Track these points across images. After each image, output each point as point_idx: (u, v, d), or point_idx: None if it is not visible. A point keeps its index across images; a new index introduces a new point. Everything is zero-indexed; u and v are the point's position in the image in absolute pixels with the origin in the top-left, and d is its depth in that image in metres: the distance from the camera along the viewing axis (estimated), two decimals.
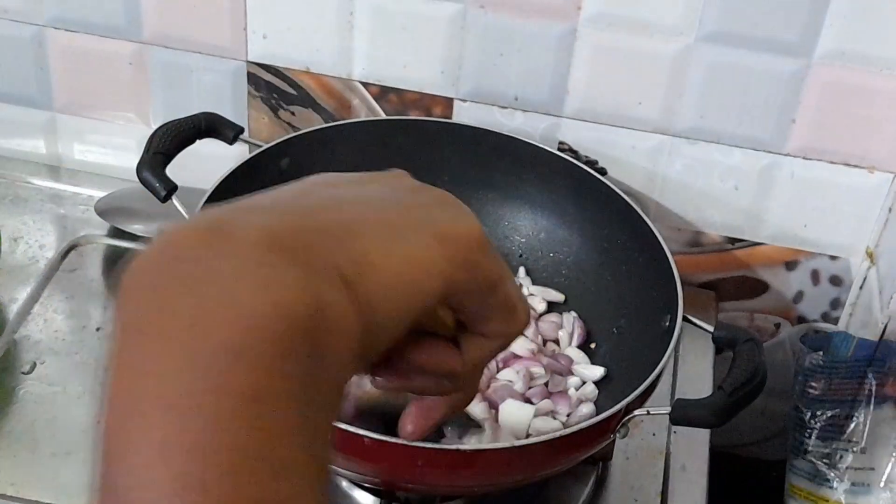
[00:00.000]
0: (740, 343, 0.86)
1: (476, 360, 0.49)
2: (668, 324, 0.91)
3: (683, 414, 0.83)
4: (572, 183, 1.08)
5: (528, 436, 0.92)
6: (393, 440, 0.80)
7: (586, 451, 0.86)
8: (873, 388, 1.00)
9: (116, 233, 1.18)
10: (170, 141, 0.99)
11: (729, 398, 0.82)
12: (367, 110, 1.16)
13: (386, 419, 0.81)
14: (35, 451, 0.96)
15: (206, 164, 1.02)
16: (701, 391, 0.98)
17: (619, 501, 0.98)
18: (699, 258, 1.17)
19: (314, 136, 1.07)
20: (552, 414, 0.96)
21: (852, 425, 1.01)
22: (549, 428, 0.93)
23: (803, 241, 1.14)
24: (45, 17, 1.17)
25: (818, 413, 1.02)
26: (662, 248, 0.97)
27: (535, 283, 1.09)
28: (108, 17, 1.16)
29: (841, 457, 1.01)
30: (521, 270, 1.09)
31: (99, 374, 1.03)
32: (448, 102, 1.14)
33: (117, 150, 1.25)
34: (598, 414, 0.88)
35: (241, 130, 1.05)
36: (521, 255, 1.11)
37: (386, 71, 1.14)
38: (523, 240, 1.11)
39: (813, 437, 1.03)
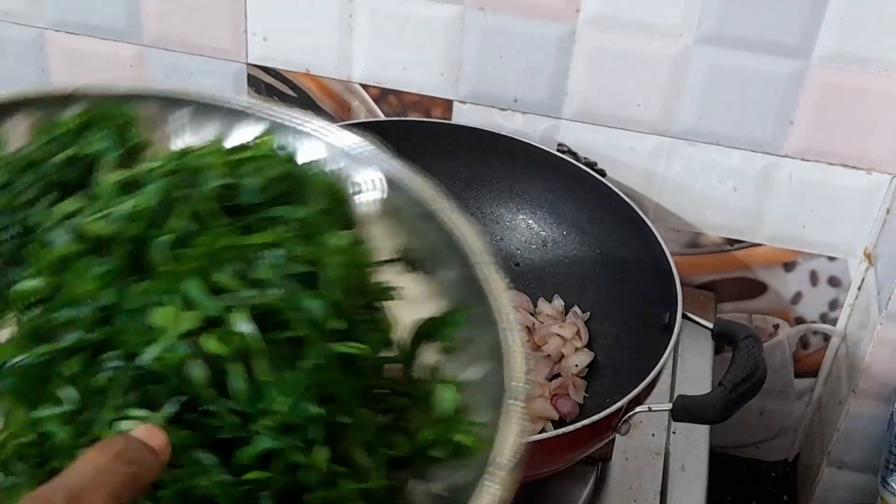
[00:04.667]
0: (740, 339, 0.86)
1: None
2: (667, 321, 0.91)
3: (684, 410, 0.83)
4: (571, 184, 1.08)
5: None
6: None
7: (588, 449, 0.87)
8: None
9: None
10: None
11: (730, 394, 0.82)
12: (367, 112, 1.16)
13: None
14: None
15: None
16: (700, 389, 0.98)
17: (618, 501, 0.98)
18: (698, 259, 1.17)
19: None
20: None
21: None
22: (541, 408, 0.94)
23: (802, 242, 1.14)
24: (45, 19, 1.17)
25: None
26: (662, 249, 0.98)
27: (534, 281, 1.09)
28: (108, 20, 1.16)
29: None
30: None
31: None
32: (447, 104, 1.14)
33: None
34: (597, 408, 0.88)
35: None
36: (520, 255, 1.11)
37: (385, 73, 1.14)
38: (523, 240, 1.11)
39: None
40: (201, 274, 0.58)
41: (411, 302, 0.64)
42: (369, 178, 0.70)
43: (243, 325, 0.55)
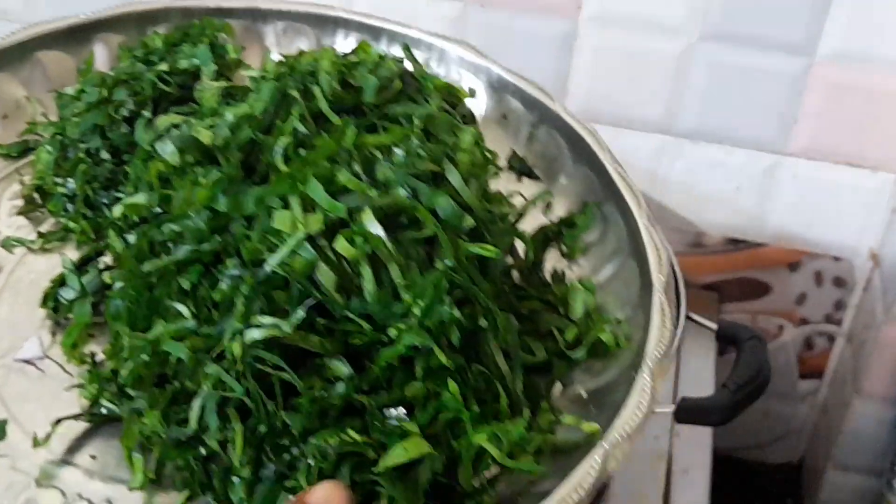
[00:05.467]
0: (744, 340, 0.85)
1: None
2: None
3: (688, 412, 0.82)
4: None
5: None
6: None
7: None
8: None
9: None
10: None
11: (734, 396, 0.81)
12: None
13: None
14: None
15: None
16: (704, 391, 0.96)
17: None
18: (701, 259, 1.17)
19: None
20: None
21: None
22: None
23: (806, 242, 1.13)
24: (41, 18, 1.16)
25: None
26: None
27: None
28: None
29: None
30: None
31: None
32: None
33: None
34: None
35: None
36: None
37: None
38: None
39: None
40: (323, 175, 0.55)
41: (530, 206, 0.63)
42: (478, 83, 0.69)
43: (373, 226, 0.53)
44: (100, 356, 0.64)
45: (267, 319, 0.52)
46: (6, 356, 0.65)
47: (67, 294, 0.67)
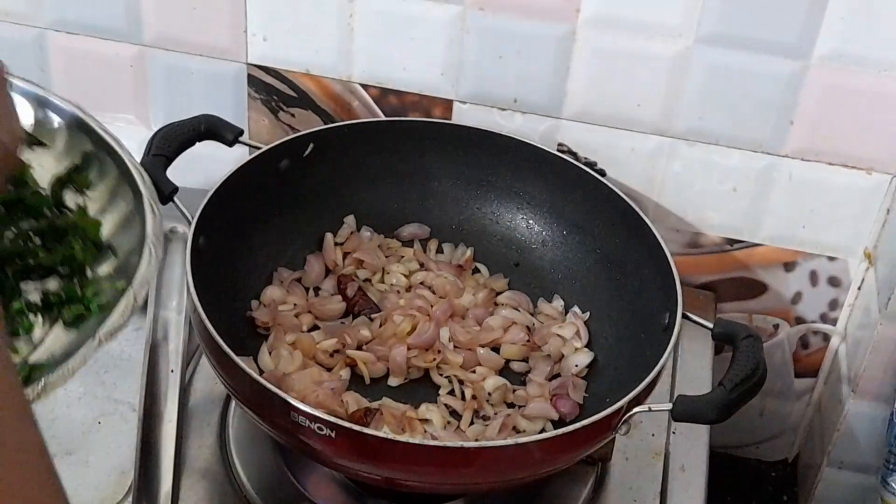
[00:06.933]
0: (740, 339, 0.86)
1: None
2: (667, 321, 0.91)
3: (684, 410, 0.83)
4: (571, 184, 1.08)
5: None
6: (396, 438, 0.81)
7: (588, 449, 0.87)
8: None
9: None
10: (170, 143, 1.00)
11: (730, 394, 0.82)
12: (367, 112, 1.16)
13: None
14: None
15: (206, 165, 1.02)
16: (700, 389, 0.97)
17: (618, 502, 0.98)
18: (698, 259, 1.17)
19: (314, 137, 1.07)
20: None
21: None
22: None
23: (802, 242, 1.14)
24: (45, 19, 1.18)
25: None
26: (662, 249, 0.98)
27: (534, 281, 1.10)
28: (108, 20, 1.16)
29: None
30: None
31: (99, 375, 1.03)
32: (448, 104, 1.14)
33: None
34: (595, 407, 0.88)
35: (241, 132, 1.05)
36: (519, 255, 1.11)
37: (386, 73, 1.14)
38: (522, 240, 1.11)
39: None
40: None
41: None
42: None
43: None
44: None
45: None
46: None
47: None
